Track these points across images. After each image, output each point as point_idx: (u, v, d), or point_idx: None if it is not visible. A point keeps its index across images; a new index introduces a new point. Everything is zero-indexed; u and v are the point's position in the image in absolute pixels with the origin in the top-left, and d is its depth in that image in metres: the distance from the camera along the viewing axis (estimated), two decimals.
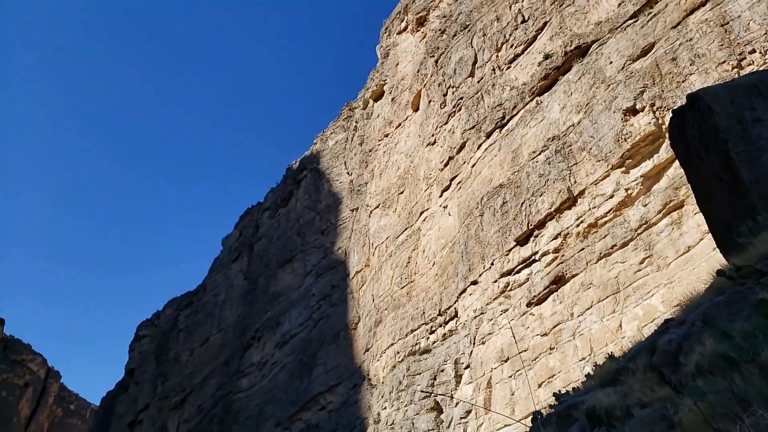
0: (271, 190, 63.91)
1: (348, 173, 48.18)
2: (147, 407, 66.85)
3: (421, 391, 25.60)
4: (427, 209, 30.94)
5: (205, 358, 58.55)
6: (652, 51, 19.79)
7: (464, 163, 27.94)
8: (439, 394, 24.97)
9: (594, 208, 20.44)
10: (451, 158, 29.19)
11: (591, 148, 20.83)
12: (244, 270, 60.05)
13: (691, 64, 17.95)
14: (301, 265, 49.09)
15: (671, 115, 8.49)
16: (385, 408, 28.56)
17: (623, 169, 19.66)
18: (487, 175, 25.72)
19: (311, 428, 37.61)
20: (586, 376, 10.75)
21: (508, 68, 27.70)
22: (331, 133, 55.67)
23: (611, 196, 19.90)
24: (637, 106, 19.32)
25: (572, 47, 23.63)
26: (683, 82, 17.96)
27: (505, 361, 22.29)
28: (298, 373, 41.17)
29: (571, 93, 22.88)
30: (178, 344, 66.50)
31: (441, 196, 29.69)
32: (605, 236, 19.67)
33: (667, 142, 17.93)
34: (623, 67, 20.65)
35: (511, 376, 22.19)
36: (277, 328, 47.16)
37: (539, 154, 23.28)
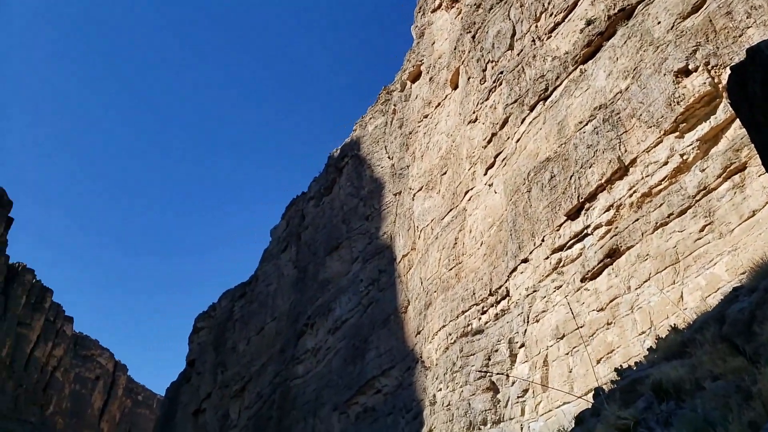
0: (314, 179, 64.48)
1: (389, 157, 47.99)
2: (209, 396, 69.14)
3: (478, 371, 25.38)
4: (472, 188, 30.45)
5: (261, 346, 59.96)
6: (704, 6, 18.69)
7: (508, 138, 27.29)
8: (497, 373, 24.69)
9: (647, 176, 19.59)
10: (494, 135, 28.57)
11: (641, 115, 19.93)
12: (293, 259, 60.96)
13: (747, 17, 16.85)
14: (348, 252, 49.41)
15: (729, 72, 7.90)
16: (440, 390, 28.50)
17: (677, 134, 18.73)
18: (532, 150, 25.04)
19: (368, 411, 38.00)
20: (648, 350, 10.32)
21: (548, 38, 26.77)
22: (370, 118, 55.51)
23: (665, 163, 19.02)
24: (690, 66, 18.32)
25: (616, 10, 22.58)
26: (740, 36, 16.88)
27: (561, 338, 21.79)
28: (351, 358, 41.59)
29: (617, 58, 21.92)
30: (234, 334, 68.32)
31: (486, 174, 29.13)
32: (660, 205, 18.84)
33: (725, 101, 16.95)
34: (672, 26, 19.59)
35: (567, 354, 21.69)
36: (329, 315, 47.74)
37: (586, 124, 22.46)
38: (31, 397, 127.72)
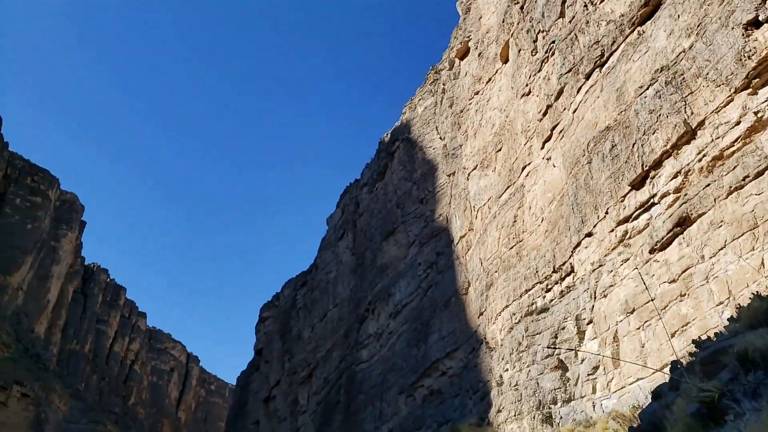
0: (366, 165, 64.66)
1: (440, 138, 47.44)
2: (278, 383, 71.14)
3: (548, 347, 24.85)
4: (529, 164, 29.68)
5: (325, 332, 61.04)
6: None
7: (564, 109, 26.37)
8: (565, 350, 24.12)
9: (717, 138, 18.48)
10: (549, 107, 27.67)
11: (708, 73, 18.77)
12: (350, 246, 61.52)
13: None
14: (404, 236, 49.35)
15: None
16: (506, 370, 28.15)
17: (749, 90, 17.53)
18: (591, 120, 24.10)
19: (434, 394, 38.05)
20: (728, 319, 9.79)
21: (601, 2, 25.58)
22: (419, 100, 54.97)
23: (737, 123, 17.86)
24: (761, 17, 17.06)
25: None
26: None
27: (631, 312, 21.01)
28: (414, 341, 41.69)
29: (678, 15, 20.68)
30: (299, 322, 69.83)
31: (543, 148, 28.31)
32: (734, 168, 17.74)
33: None
34: None
35: (639, 328, 20.91)
36: (389, 299, 47.95)
37: (647, 88, 21.37)
38: (113, 389, 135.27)
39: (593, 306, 23.31)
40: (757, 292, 10.06)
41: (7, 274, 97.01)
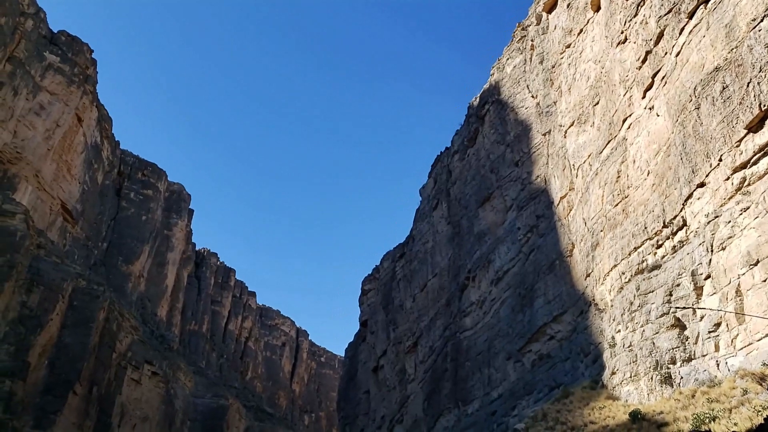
0: (456, 132, 63.90)
1: (532, 96, 45.85)
2: (385, 353, 73.19)
3: (672, 306, 23.76)
4: (631, 115, 28.12)
5: (427, 302, 61.82)
6: None
7: (666, 54, 24.64)
8: (682, 308, 22.98)
9: None
10: (648, 53, 25.96)
11: None
12: (446, 215, 61.47)
13: None
14: (501, 201, 48.55)
15: None
16: (619, 331, 27.30)
17: None
18: (696, 61, 22.38)
19: (543, 358, 37.63)
20: None
21: None
22: (507, 59, 53.23)
23: None
24: None
25: None
26: None
27: (755, 264, 19.62)
28: (519, 307, 41.26)
29: None
30: (400, 293, 71.16)
31: (644, 97, 26.70)
32: None
33: None
34: None
35: (765, 281, 19.51)
36: (489, 266, 47.61)
37: (761, 20, 19.51)
38: (232, 365, 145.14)
39: (711, 260, 21.98)
40: None
41: (129, 263, 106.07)
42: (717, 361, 21.56)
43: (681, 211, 24.00)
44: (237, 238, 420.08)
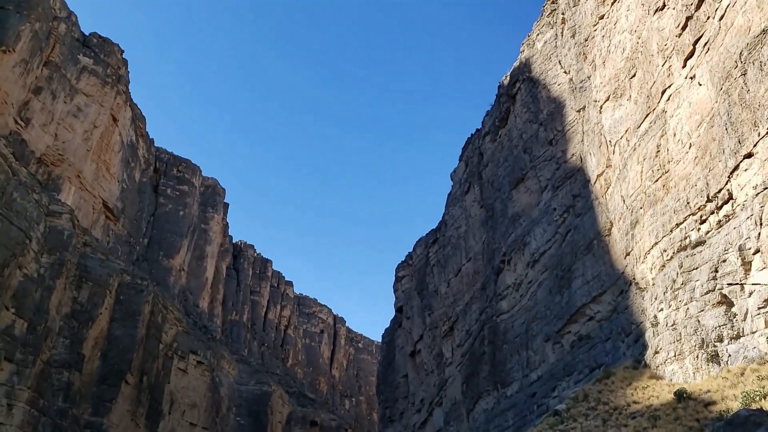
0: (486, 113, 62.93)
1: (565, 72, 44.71)
2: (421, 338, 73.38)
3: (718, 282, 23.03)
4: (670, 86, 27.15)
5: (462, 287, 61.55)
6: None
7: (708, 18, 23.63)
8: (729, 284, 22.25)
9: None
10: (689, 18, 24.93)
11: None
12: (478, 199, 60.86)
13: None
14: (535, 182, 47.75)
15: None
16: (661, 310, 26.66)
17: None
18: (742, 25, 21.40)
19: (582, 339, 37.07)
20: None
21: None
22: (538, 35, 51.94)
23: None
24: None
25: None
26: None
27: None
28: (556, 288, 40.67)
29: None
30: (434, 278, 71.05)
31: (685, 66, 25.72)
32: None
33: None
34: None
35: None
36: (525, 249, 47.00)
37: None
38: (273, 352, 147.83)
39: (759, 233, 21.19)
40: None
41: (169, 257, 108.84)
42: (767, 337, 20.87)
43: (726, 183, 23.18)
44: (272, 230, 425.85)
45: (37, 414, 48.31)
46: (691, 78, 25.37)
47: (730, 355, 22.40)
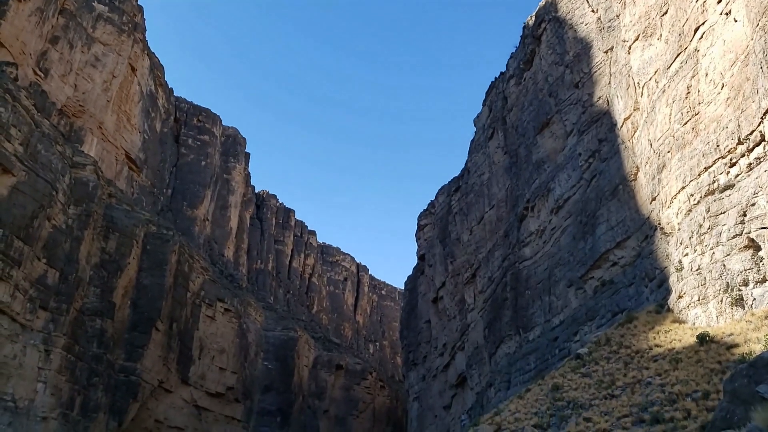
0: (511, 55, 61.14)
1: (593, 11, 42.93)
2: (443, 285, 74.14)
3: (746, 226, 22.60)
4: (703, 23, 25.92)
5: (484, 234, 61.53)
6: None
7: None
8: (757, 228, 21.83)
9: None
10: None
11: None
12: (502, 145, 59.95)
13: None
14: (560, 126, 46.74)
15: None
16: (686, 254, 26.37)
17: None
18: None
19: (606, 284, 37.03)
20: None
21: None
22: None
23: None
24: None
25: None
26: None
27: None
28: (580, 234, 40.39)
29: None
30: (456, 226, 71.09)
31: (720, 1, 24.44)
32: None
33: None
34: None
35: None
36: (549, 195, 46.51)
37: None
38: (298, 300, 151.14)
39: None
40: None
41: (193, 208, 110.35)
42: None
43: (759, 125, 22.40)
44: (294, 180, 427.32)
45: (74, 359, 50.50)
46: (726, 14, 24.16)
47: (754, 299, 22.25)
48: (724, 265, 23.63)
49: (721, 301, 23.67)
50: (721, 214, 24.34)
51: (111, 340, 55.82)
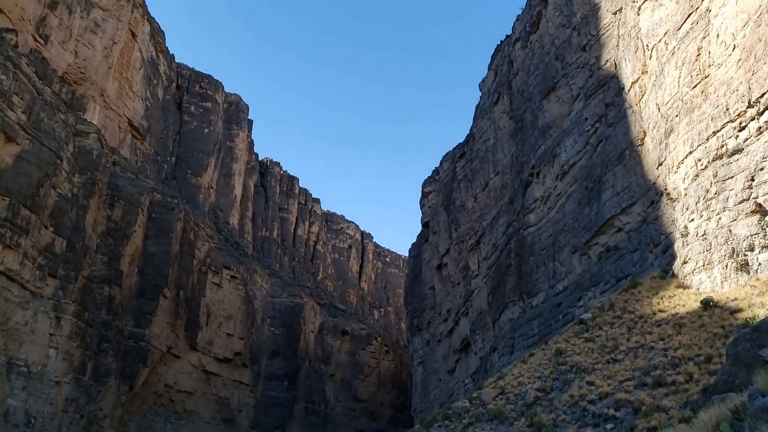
0: (517, 18, 59.93)
1: None
2: (448, 251, 74.39)
3: (753, 191, 22.41)
4: None
5: (489, 201, 61.38)
6: None
7: None
8: (765, 194, 21.64)
9: None
10: None
11: None
12: (507, 110, 59.28)
13: None
14: (566, 91, 46.09)
15: None
16: (692, 220, 26.26)
17: None
18: None
19: (610, 250, 37.05)
20: None
21: None
22: None
23: None
24: None
25: None
26: None
27: None
28: (585, 200, 40.23)
29: None
30: (461, 193, 70.91)
31: None
32: None
33: None
34: None
35: None
36: (554, 161, 46.18)
37: None
38: (303, 267, 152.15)
39: None
40: None
41: (197, 175, 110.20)
42: None
43: None
44: (297, 148, 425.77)
45: (84, 326, 51.26)
46: None
47: (760, 264, 22.22)
48: (730, 231, 23.53)
49: (726, 266, 23.65)
50: (728, 179, 24.12)
51: (119, 307, 56.53)
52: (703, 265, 24.96)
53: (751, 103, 23.03)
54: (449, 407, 26.39)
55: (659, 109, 30.58)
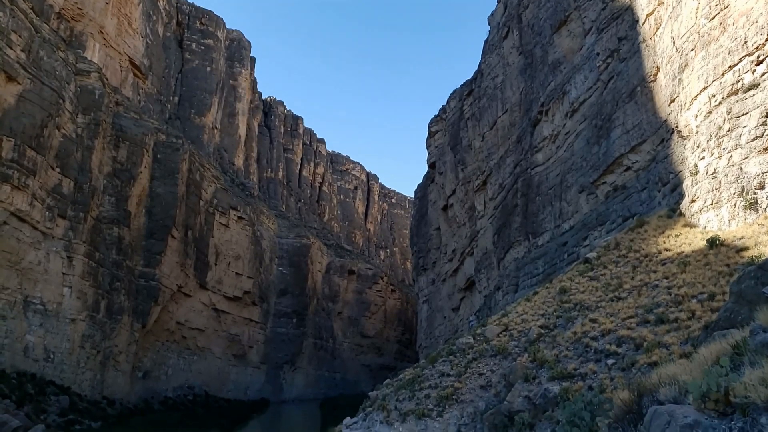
0: None
1: None
2: (454, 192, 74.23)
3: None
4: None
5: (497, 140, 60.64)
6: None
7: None
8: None
9: None
10: None
11: None
12: (517, 45, 57.60)
13: None
14: (578, 24, 44.54)
15: None
16: (703, 158, 25.83)
17: None
18: None
19: (618, 189, 36.76)
20: None
21: None
22: None
23: None
24: None
25: None
26: None
27: None
28: (594, 139, 39.61)
29: None
30: (468, 132, 70.01)
31: None
32: None
33: None
34: None
35: None
36: (564, 98, 45.20)
37: None
38: (309, 208, 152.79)
39: None
40: None
41: (201, 115, 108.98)
42: None
43: None
44: (301, 86, 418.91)
45: (95, 265, 52.13)
46: None
47: None
48: (741, 168, 23.15)
49: (735, 204, 23.42)
50: (742, 115, 23.53)
51: (129, 247, 57.28)
52: (711, 204, 24.74)
53: None
54: (454, 343, 26.92)
55: (674, 42, 29.55)
